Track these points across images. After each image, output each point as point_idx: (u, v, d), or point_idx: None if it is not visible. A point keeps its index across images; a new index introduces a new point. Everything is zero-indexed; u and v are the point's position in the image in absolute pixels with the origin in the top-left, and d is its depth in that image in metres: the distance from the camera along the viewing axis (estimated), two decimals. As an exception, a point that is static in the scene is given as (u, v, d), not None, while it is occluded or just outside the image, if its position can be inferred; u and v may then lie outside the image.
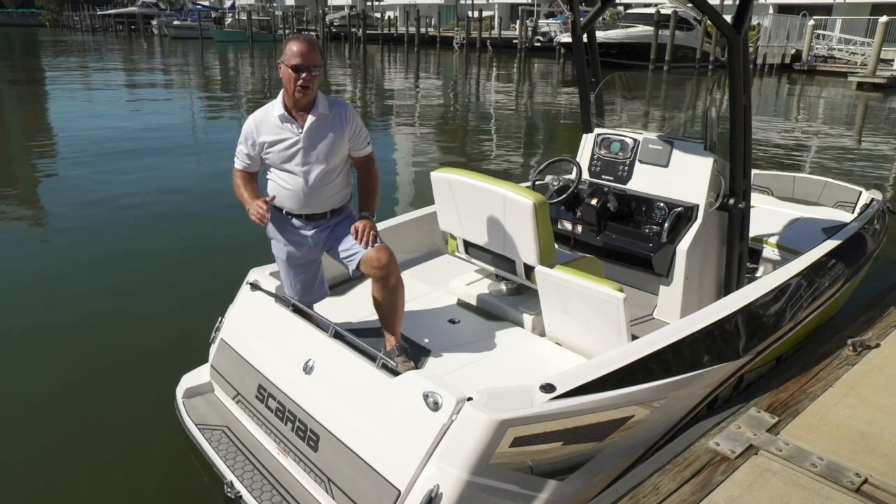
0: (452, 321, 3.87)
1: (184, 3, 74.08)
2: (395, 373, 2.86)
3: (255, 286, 3.65)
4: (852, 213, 5.37)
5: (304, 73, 3.06)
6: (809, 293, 4.01)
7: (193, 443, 3.40)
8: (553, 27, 42.64)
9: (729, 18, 3.63)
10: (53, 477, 3.49)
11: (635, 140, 4.46)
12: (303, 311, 3.44)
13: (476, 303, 4.07)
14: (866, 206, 5.22)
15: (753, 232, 4.69)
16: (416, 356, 3.38)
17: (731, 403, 3.38)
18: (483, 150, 12.37)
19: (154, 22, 64.12)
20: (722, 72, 30.32)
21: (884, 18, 26.12)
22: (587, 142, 4.74)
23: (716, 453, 2.88)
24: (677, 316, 4.01)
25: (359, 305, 3.89)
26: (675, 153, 4.24)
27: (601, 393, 2.79)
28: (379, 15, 58.24)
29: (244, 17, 56.39)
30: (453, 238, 4.25)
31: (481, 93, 22.54)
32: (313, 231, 3.35)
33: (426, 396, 2.66)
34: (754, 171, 5.93)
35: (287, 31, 54.01)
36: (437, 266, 4.71)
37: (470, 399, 2.60)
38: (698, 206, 4.05)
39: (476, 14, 46.51)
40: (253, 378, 3.35)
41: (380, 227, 4.04)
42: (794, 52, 32.23)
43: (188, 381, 3.73)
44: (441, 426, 2.58)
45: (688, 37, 32.37)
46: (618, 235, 4.35)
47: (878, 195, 5.47)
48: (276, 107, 3.21)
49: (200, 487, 3.35)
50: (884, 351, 3.81)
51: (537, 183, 4.79)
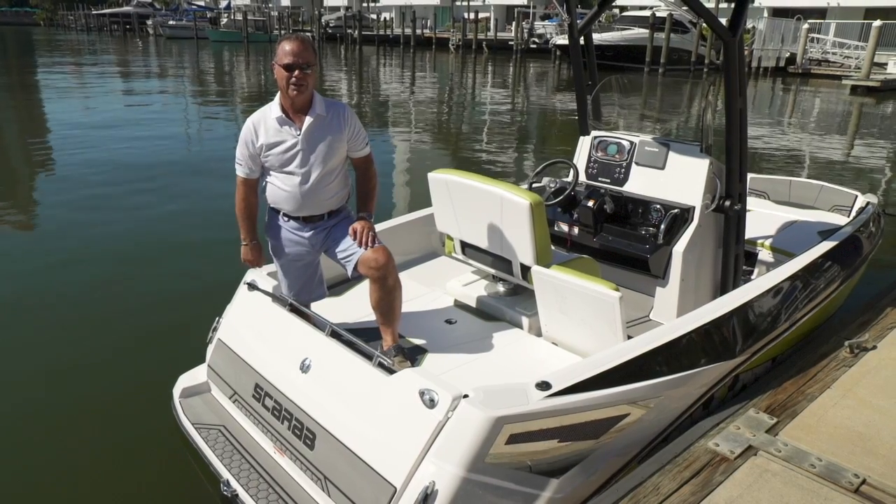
0: (449, 321, 3.87)
1: (179, 3, 73.89)
2: (392, 371, 2.85)
3: (252, 286, 3.64)
4: (848, 216, 5.38)
5: (297, 72, 3.04)
6: (805, 294, 4.02)
7: (190, 442, 3.39)
8: (549, 29, 42.79)
9: (725, 21, 3.63)
10: (51, 475, 3.47)
11: (632, 142, 4.47)
12: (300, 310, 3.44)
13: (473, 303, 4.07)
14: (862, 209, 5.23)
15: (749, 235, 4.71)
16: (413, 356, 3.39)
17: (729, 404, 3.39)
18: (479, 152, 12.38)
19: (149, 22, 63.88)
20: (717, 75, 30.43)
21: (877, 22, 26.29)
22: (584, 144, 4.74)
23: (715, 454, 2.88)
24: (673, 317, 4.01)
25: (356, 306, 3.89)
26: (671, 155, 4.25)
27: (597, 391, 2.80)
28: (375, 16, 58.32)
29: (240, 17, 56.28)
30: (450, 239, 4.24)
31: (477, 95, 22.55)
32: (311, 232, 3.34)
33: (422, 394, 2.66)
34: (750, 175, 5.95)
35: (283, 32, 53.93)
36: (434, 267, 4.71)
37: (466, 396, 2.61)
38: (694, 208, 4.06)
39: (472, 16, 46.56)
40: (250, 377, 3.34)
41: (377, 228, 4.03)
42: (788, 55, 32.37)
43: (185, 380, 3.72)
44: (437, 423, 2.58)
45: (683, 40, 32.50)
46: (614, 237, 4.35)
47: (873, 199, 5.49)
48: (273, 109, 3.20)
49: (197, 486, 3.34)
50: (880, 353, 3.83)
51: (534, 185, 4.79)
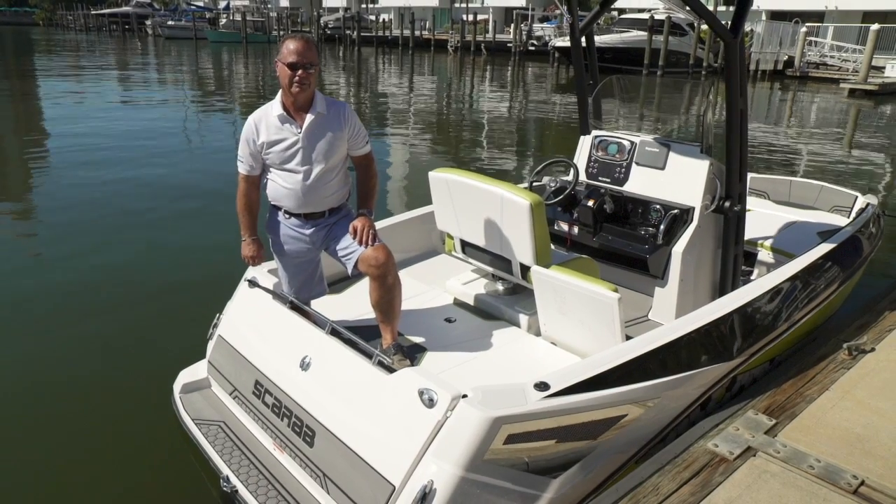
0: (448, 320, 3.87)
1: (178, 4, 73.92)
2: (391, 370, 2.86)
3: (253, 283, 3.64)
4: (848, 217, 5.39)
5: (301, 71, 3.06)
6: (804, 296, 4.02)
7: (190, 438, 3.39)
8: (547, 31, 42.78)
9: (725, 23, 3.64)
10: (51, 470, 3.48)
11: (632, 142, 4.47)
12: (300, 308, 3.44)
13: (472, 302, 4.07)
14: (862, 210, 5.24)
15: (749, 235, 4.71)
16: (412, 354, 3.39)
17: (727, 405, 3.39)
18: (478, 153, 12.38)
19: (148, 22, 63.79)
20: (715, 77, 30.49)
21: (875, 26, 26.36)
22: (584, 144, 4.74)
23: (714, 455, 2.88)
24: (672, 317, 4.02)
25: (356, 304, 3.89)
26: (671, 156, 4.25)
27: (595, 392, 2.80)
28: (374, 17, 58.23)
29: (238, 17, 56.25)
30: (450, 237, 4.24)
31: (476, 96, 22.56)
32: (312, 230, 3.35)
33: (421, 393, 2.66)
34: (750, 175, 5.96)
35: (281, 33, 53.93)
36: (434, 265, 4.71)
37: (465, 396, 2.61)
38: (694, 208, 4.07)
39: (470, 17, 46.57)
40: (250, 374, 3.35)
41: (377, 226, 4.03)
42: (786, 58, 32.43)
43: (185, 376, 3.73)
44: (436, 422, 2.58)
45: (681, 42, 32.54)
46: (614, 237, 4.35)
47: (873, 200, 5.49)
48: (274, 107, 3.21)
49: (196, 482, 3.35)
50: (879, 355, 3.83)
51: (534, 184, 4.80)
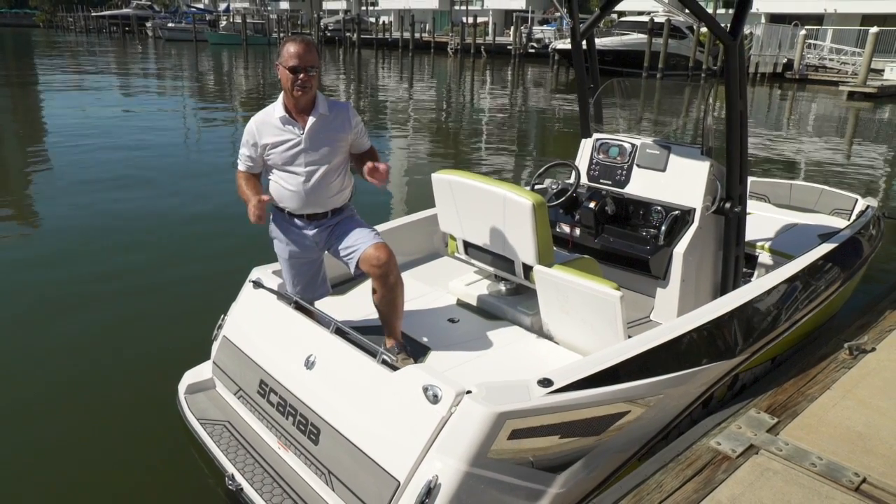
0: (452, 320, 3.89)
1: (178, 6, 74.05)
2: (395, 368, 2.88)
3: (257, 284, 3.66)
4: (848, 220, 5.41)
5: (302, 74, 3.09)
6: (804, 296, 4.05)
7: (195, 437, 3.41)
8: (547, 34, 42.87)
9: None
10: (57, 469, 3.49)
11: (633, 145, 4.50)
12: (305, 308, 3.46)
13: (475, 302, 4.09)
14: (862, 212, 5.26)
15: (750, 237, 4.74)
16: (416, 354, 3.41)
17: (729, 404, 3.41)
18: (478, 155, 12.42)
19: (148, 24, 63.86)
20: (714, 79, 30.56)
21: (874, 29, 26.45)
22: (586, 146, 4.77)
23: (717, 452, 2.90)
24: (674, 318, 4.03)
25: (359, 304, 3.91)
26: (672, 158, 4.28)
27: (597, 388, 2.82)
28: (374, 20, 58.35)
29: (238, 20, 56.39)
30: (453, 239, 4.27)
31: (476, 98, 22.60)
32: (315, 230, 3.37)
33: (426, 389, 2.68)
34: (751, 178, 5.98)
35: (281, 35, 54.02)
36: (437, 267, 4.73)
37: (469, 392, 2.63)
38: (695, 209, 4.09)
39: (470, 20, 46.66)
40: (255, 374, 3.37)
41: (380, 228, 4.07)
42: (785, 61, 32.50)
43: (190, 377, 3.75)
44: (440, 418, 2.60)
45: (680, 45, 32.64)
46: (615, 238, 4.38)
47: (873, 202, 5.52)
48: (276, 109, 3.24)
49: (202, 481, 3.36)
50: (879, 354, 3.85)
51: (536, 186, 4.82)
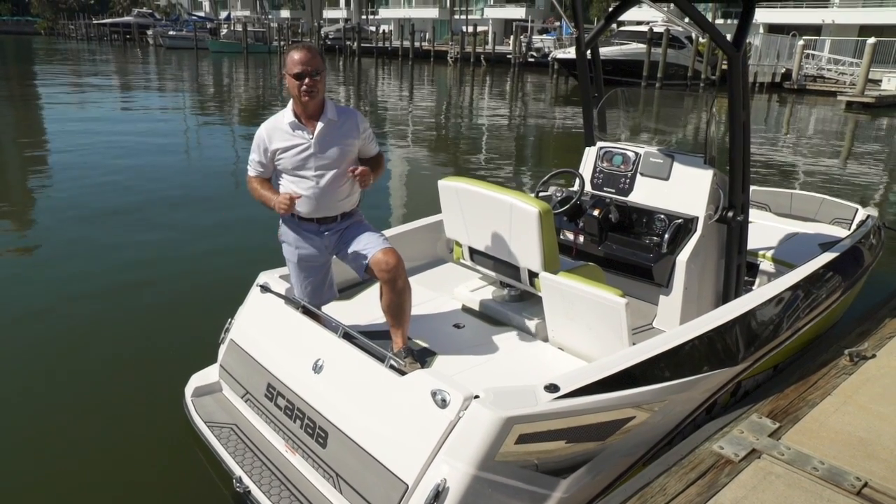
0: (457, 326, 3.93)
1: (179, 14, 74.30)
2: (403, 373, 2.92)
3: (265, 288, 3.70)
4: (849, 229, 5.46)
5: (307, 79, 3.15)
6: (806, 304, 4.09)
7: (202, 440, 3.44)
8: (546, 43, 43.06)
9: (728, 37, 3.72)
10: (65, 471, 3.53)
11: (637, 153, 4.55)
12: (312, 312, 3.50)
13: (480, 308, 4.13)
14: (862, 222, 5.31)
15: (751, 246, 4.78)
16: (423, 358, 3.44)
17: (732, 410, 3.45)
18: (480, 163, 12.48)
19: (149, 32, 64.12)
20: (713, 89, 30.68)
21: (872, 40, 26.62)
22: (590, 155, 4.82)
23: (720, 456, 2.94)
24: (676, 325, 4.07)
25: (366, 309, 3.95)
26: (675, 166, 4.33)
27: (603, 394, 2.86)
28: (374, 28, 58.56)
29: (239, 28, 56.56)
30: (458, 245, 4.31)
31: (476, 106, 22.70)
32: (324, 234, 3.42)
33: (434, 394, 2.72)
34: (752, 188, 6.04)
35: (282, 43, 54.21)
36: (442, 273, 4.77)
37: (477, 397, 2.67)
38: (698, 218, 4.14)
39: (470, 29, 46.86)
40: (262, 377, 3.40)
41: (386, 234, 4.10)
42: (784, 71, 32.67)
43: (197, 380, 3.78)
44: (448, 423, 2.64)
45: (679, 55, 32.78)
46: (619, 246, 4.42)
47: (874, 212, 5.57)
48: (286, 115, 3.29)
49: (209, 483, 3.40)
50: (879, 361, 3.89)
51: (541, 194, 4.87)
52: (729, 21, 34.68)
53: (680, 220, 4.18)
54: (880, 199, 10.81)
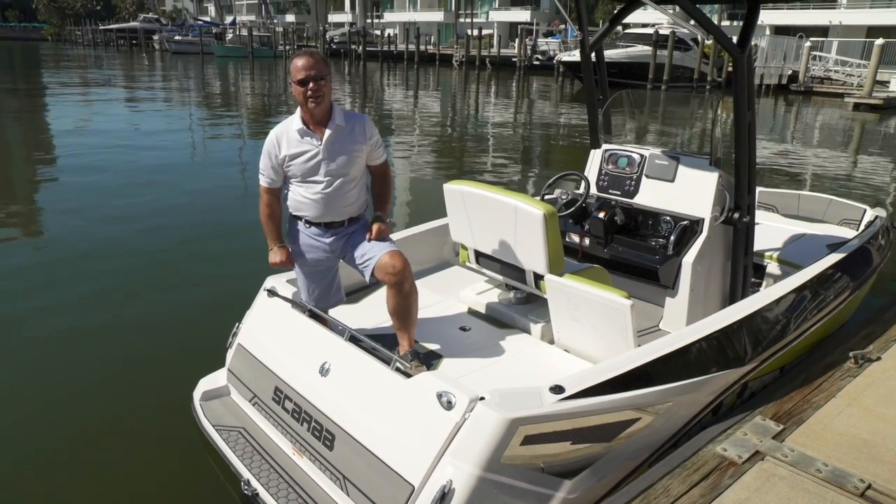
0: (463, 328, 3.95)
1: (185, 19, 74.70)
2: (409, 375, 2.94)
3: (272, 292, 3.73)
4: (857, 230, 5.45)
5: (312, 84, 3.18)
6: (813, 305, 4.09)
7: (210, 443, 3.47)
8: (552, 46, 43.08)
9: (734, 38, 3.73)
10: (74, 474, 3.56)
11: (642, 156, 4.57)
12: (319, 316, 3.53)
13: (486, 311, 4.15)
14: (870, 223, 5.30)
15: (758, 247, 4.78)
16: (429, 361, 3.46)
17: (736, 412, 3.46)
18: (485, 166, 12.50)
19: (155, 37, 64.51)
20: (720, 91, 30.61)
21: (879, 41, 26.51)
22: (595, 157, 4.84)
23: (724, 458, 2.95)
24: (682, 327, 4.07)
25: (373, 312, 3.98)
26: (680, 168, 4.34)
27: (608, 395, 2.87)
28: (379, 32, 58.71)
29: (245, 33, 56.84)
30: (464, 248, 4.33)
31: (482, 110, 22.73)
32: (331, 238, 3.45)
33: (440, 396, 2.74)
34: (759, 189, 6.03)
35: (287, 48, 54.42)
36: (448, 276, 4.79)
37: (482, 399, 2.69)
38: (704, 219, 4.15)
39: (475, 32, 46.94)
40: (269, 381, 3.43)
41: (393, 238, 4.13)
42: (790, 72, 32.56)
43: (205, 384, 3.81)
44: (454, 424, 2.66)
45: (685, 57, 32.73)
46: (625, 248, 4.44)
47: (882, 213, 5.56)
48: (294, 122, 3.32)
49: (217, 486, 3.42)
50: (884, 363, 3.90)
51: (546, 197, 4.89)
52: (735, 23, 34.61)
53: (686, 222, 4.19)
54: (890, 199, 10.77)
